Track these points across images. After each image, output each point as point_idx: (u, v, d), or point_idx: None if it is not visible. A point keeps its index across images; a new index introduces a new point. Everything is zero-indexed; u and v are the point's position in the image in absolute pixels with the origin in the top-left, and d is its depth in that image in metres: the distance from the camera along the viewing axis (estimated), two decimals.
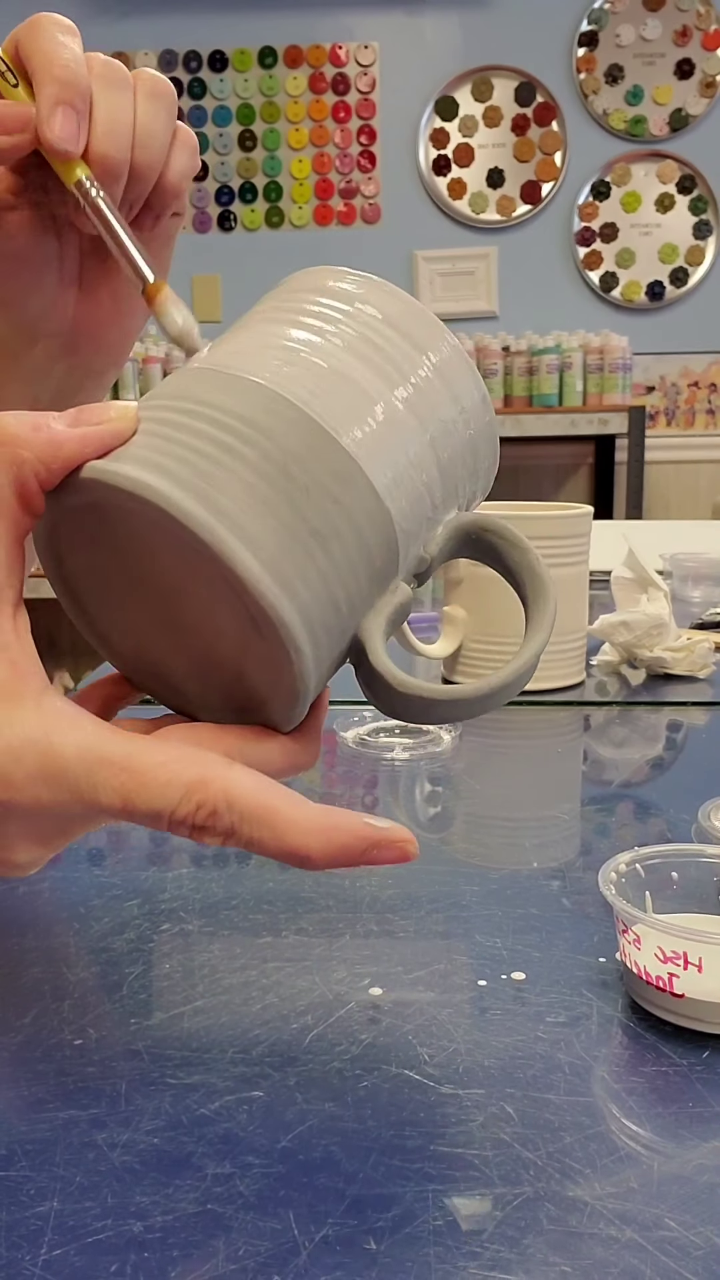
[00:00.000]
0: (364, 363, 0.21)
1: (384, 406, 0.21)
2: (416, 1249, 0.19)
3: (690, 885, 0.29)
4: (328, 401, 0.20)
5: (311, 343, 0.21)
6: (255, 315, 0.23)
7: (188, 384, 0.20)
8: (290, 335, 0.21)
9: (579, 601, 0.57)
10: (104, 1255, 0.19)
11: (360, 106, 2.42)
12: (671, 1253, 0.19)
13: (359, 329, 0.21)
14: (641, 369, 2.50)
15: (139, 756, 0.18)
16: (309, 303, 0.22)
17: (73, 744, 0.18)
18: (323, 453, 0.20)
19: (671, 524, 1.47)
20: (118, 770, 0.18)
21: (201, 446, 0.19)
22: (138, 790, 0.17)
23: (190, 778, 0.18)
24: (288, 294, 0.23)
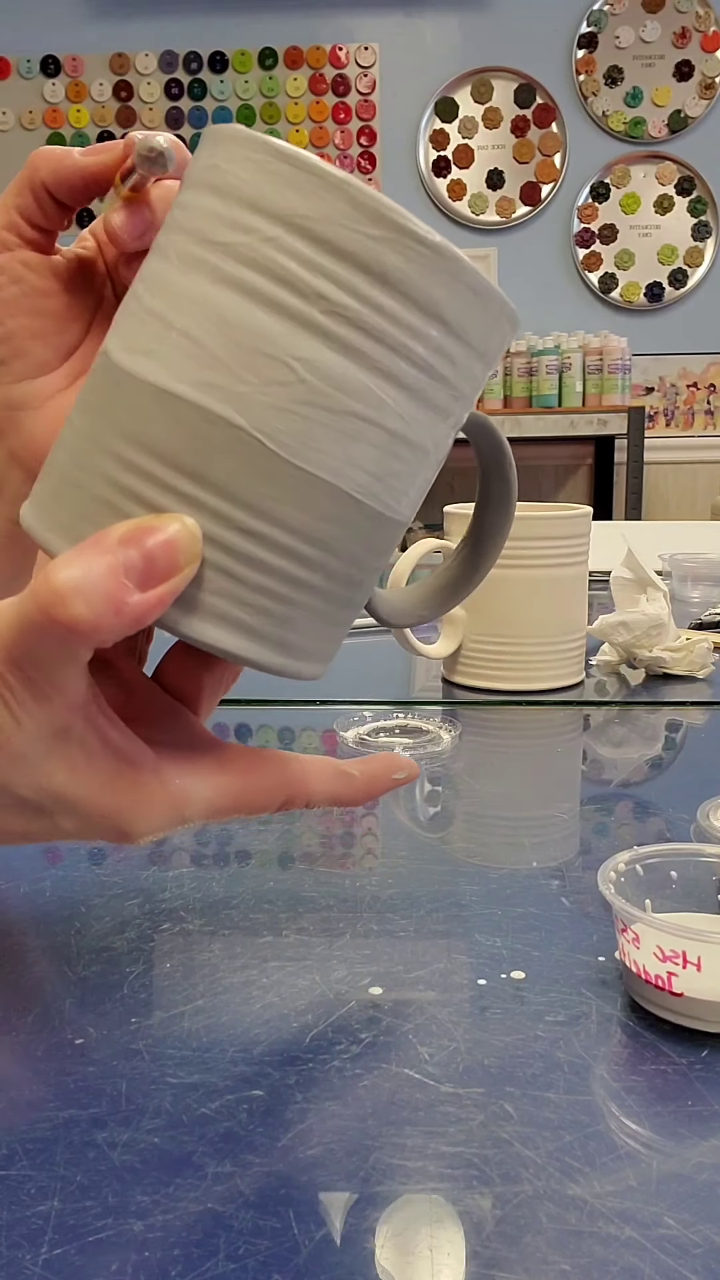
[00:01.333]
0: (424, 408, 0.19)
1: (435, 450, 0.20)
2: (416, 1248, 0.19)
3: (689, 884, 0.29)
4: (387, 482, 0.19)
5: (371, 396, 0.18)
6: (204, 234, 0.18)
7: (239, 472, 0.18)
8: (281, 335, 0.18)
9: (578, 602, 0.57)
10: (104, 1254, 0.19)
11: (360, 108, 2.43)
12: (671, 1251, 0.19)
13: (420, 356, 0.18)
14: (640, 370, 2.50)
15: (241, 788, 0.21)
16: (331, 286, 0.18)
17: (198, 813, 0.21)
18: (379, 538, 0.20)
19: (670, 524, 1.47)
20: (229, 803, 0.22)
21: (272, 586, 0.19)
22: (241, 811, 0.22)
23: (283, 795, 0.22)
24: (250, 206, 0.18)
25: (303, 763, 0.22)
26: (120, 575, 0.17)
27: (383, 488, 0.19)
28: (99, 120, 2.45)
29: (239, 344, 0.18)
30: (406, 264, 0.18)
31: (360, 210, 0.17)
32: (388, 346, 0.18)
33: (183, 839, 0.38)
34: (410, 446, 0.19)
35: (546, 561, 0.55)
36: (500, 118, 2.44)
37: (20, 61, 2.42)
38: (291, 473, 0.18)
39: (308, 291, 0.17)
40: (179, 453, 0.18)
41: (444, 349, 0.19)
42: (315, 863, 0.36)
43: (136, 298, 0.19)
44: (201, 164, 0.19)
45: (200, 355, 0.18)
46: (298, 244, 0.17)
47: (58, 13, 2.40)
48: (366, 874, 0.35)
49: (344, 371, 0.18)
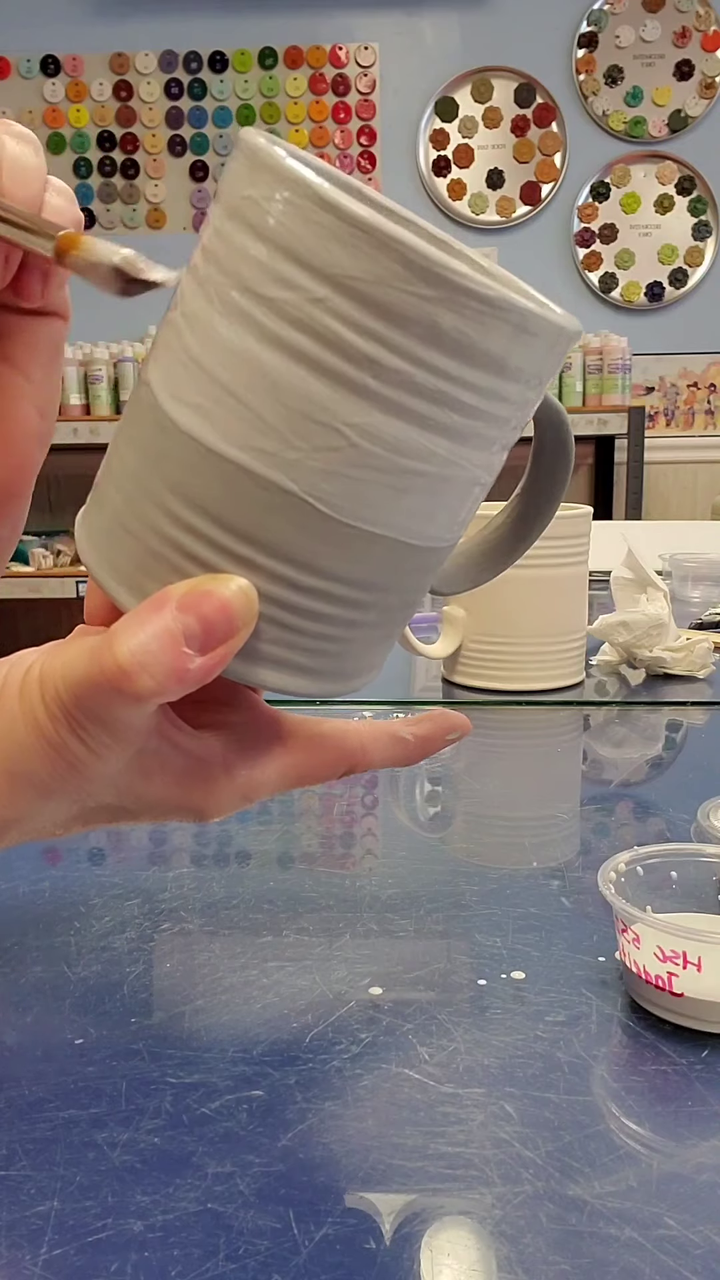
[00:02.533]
0: (471, 447, 0.18)
1: (488, 473, 0.20)
2: (416, 1248, 0.19)
3: (689, 885, 0.29)
4: (439, 519, 0.19)
5: (422, 449, 0.18)
6: (246, 289, 0.18)
7: (292, 533, 0.18)
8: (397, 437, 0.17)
9: (578, 601, 0.57)
10: (104, 1254, 0.19)
11: (360, 107, 2.43)
12: (671, 1251, 0.19)
13: (473, 405, 0.18)
14: (641, 370, 2.50)
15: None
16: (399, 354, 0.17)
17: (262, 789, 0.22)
18: (432, 562, 0.20)
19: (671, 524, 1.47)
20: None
21: (328, 631, 0.19)
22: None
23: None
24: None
25: (360, 734, 0.23)
26: (181, 645, 0.18)
27: (436, 526, 0.19)
28: (99, 120, 2.45)
29: (289, 408, 0.17)
30: (462, 322, 0.17)
31: (412, 270, 0.17)
32: (442, 404, 0.18)
33: (183, 839, 0.38)
34: (464, 484, 0.19)
35: (547, 561, 0.55)
36: (500, 117, 2.44)
37: (20, 61, 2.42)
38: (345, 531, 0.18)
39: (358, 357, 0.17)
40: (231, 514, 0.18)
41: (499, 392, 0.18)
42: (315, 863, 0.36)
43: (177, 333, 0.19)
44: (238, 190, 0.18)
45: (250, 419, 0.17)
46: (347, 307, 0.17)
47: (57, 12, 2.40)
48: (366, 874, 0.35)
49: (395, 432, 0.18)
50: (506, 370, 0.18)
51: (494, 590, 0.57)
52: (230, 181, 0.18)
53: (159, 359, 0.19)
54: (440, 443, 0.18)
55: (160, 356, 0.19)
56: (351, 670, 0.21)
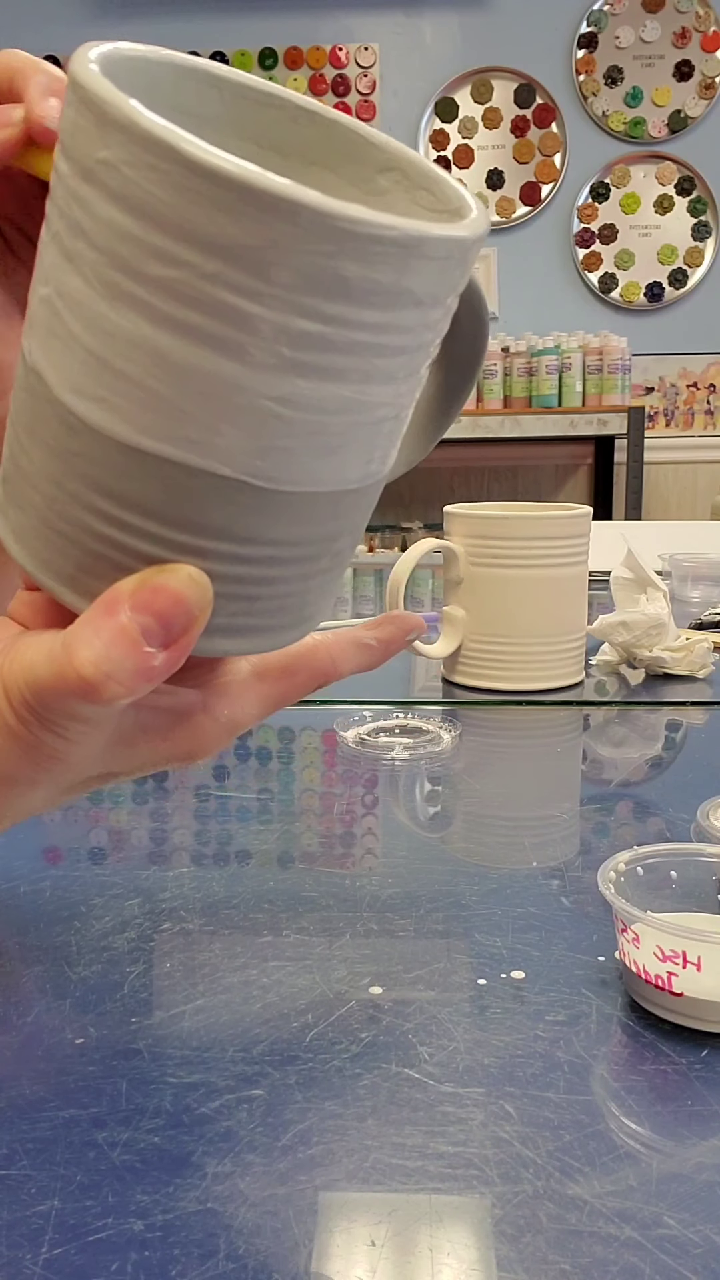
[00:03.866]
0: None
1: (414, 394, 0.18)
2: (417, 1247, 0.19)
3: (689, 884, 0.29)
4: (378, 456, 0.18)
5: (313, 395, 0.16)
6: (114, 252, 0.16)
7: (232, 514, 0.17)
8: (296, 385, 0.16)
9: (578, 601, 0.57)
10: (105, 1254, 0.19)
11: (360, 108, 2.43)
12: (671, 1251, 0.19)
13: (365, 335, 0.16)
14: (640, 370, 2.50)
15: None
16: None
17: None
18: (376, 494, 0.20)
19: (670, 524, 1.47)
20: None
21: (284, 590, 0.19)
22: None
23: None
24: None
25: (328, 648, 0.24)
26: (142, 645, 0.17)
27: (374, 464, 0.19)
28: None
29: (205, 394, 0.16)
30: (370, 270, 0.15)
31: (307, 229, 0.15)
32: (363, 354, 0.17)
33: (183, 839, 0.38)
34: (396, 420, 0.18)
35: (546, 561, 0.55)
36: (500, 118, 2.44)
37: None
38: (285, 498, 0.18)
39: (268, 330, 0.15)
40: (166, 507, 0.17)
41: (422, 321, 0.17)
42: (315, 863, 0.36)
43: (58, 316, 0.17)
44: (90, 151, 0.15)
45: (166, 409, 0.16)
46: (244, 278, 0.15)
47: (58, 13, 2.40)
48: (366, 874, 0.35)
49: (321, 394, 0.16)
50: (422, 302, 0.17)
51: (494, 590, 0.57)
52: (77, 136, 0.16)
53: (44, 345, 0.17)
54: (369, 389, 0.17)
55: (45, 341, 0.17)
56: (311, 613, 0.21)
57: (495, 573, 0.56)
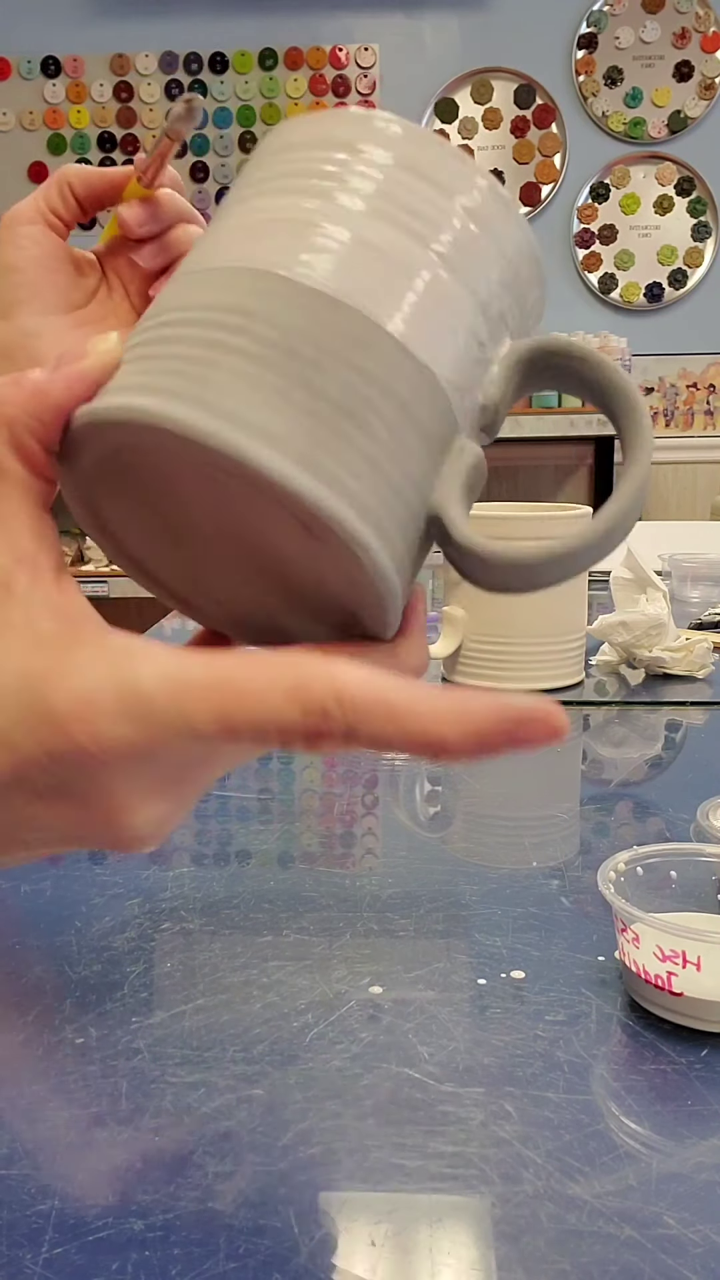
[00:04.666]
0: (365, 210, 0.18)
1: (392, 248, 0.18)
2: (417, 1247, 0.19)
3: (689, 884, 0.29)
4: (323, 264, 0.17)
5: (293, 205, 0.18)
6: (235, 194, 0.20)
7: (168, 295, 0.18)
8: (270, 204, 0.18)
9: (578, 602, 0.57)
10: (105, 1254, 0.19)
11: (360, 108, 2.43)
12: (670, 1250, 0.19)
13: (353, 176, 0.19)
14: (640, 370, 2.50)
15: (229, 671, 0.16)
16: (295, 160, 0.19)
17: (150, 675, 0.16)
18: (329, 319, 0.17)
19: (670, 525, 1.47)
20: (208, 691, 0.16)
21: (189, 353, 0.17)
22: (234, 706, 0.15)
23: (290, 681, 0.16)
24: (271, 156, 0.20)
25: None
26: (27, 371, 0.18)
27: (316, 270, 0.18)
28: (99, 121, 2.45)
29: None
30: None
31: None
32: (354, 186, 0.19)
33: (183, 839, 0.38)
34: (349, 239, 0.18)
35: None
36: (500, 118, 2.44)
37: (20, 62, 2.43)
38: (213, 274, 0.18)
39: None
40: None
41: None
42: (315, 863, 0.36)
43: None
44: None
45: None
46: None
47: (58, 13, 2.40)
48: (366, 874, 0.35)
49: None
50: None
51: None
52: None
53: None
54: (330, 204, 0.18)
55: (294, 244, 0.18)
56: (227, 411, 0.16)
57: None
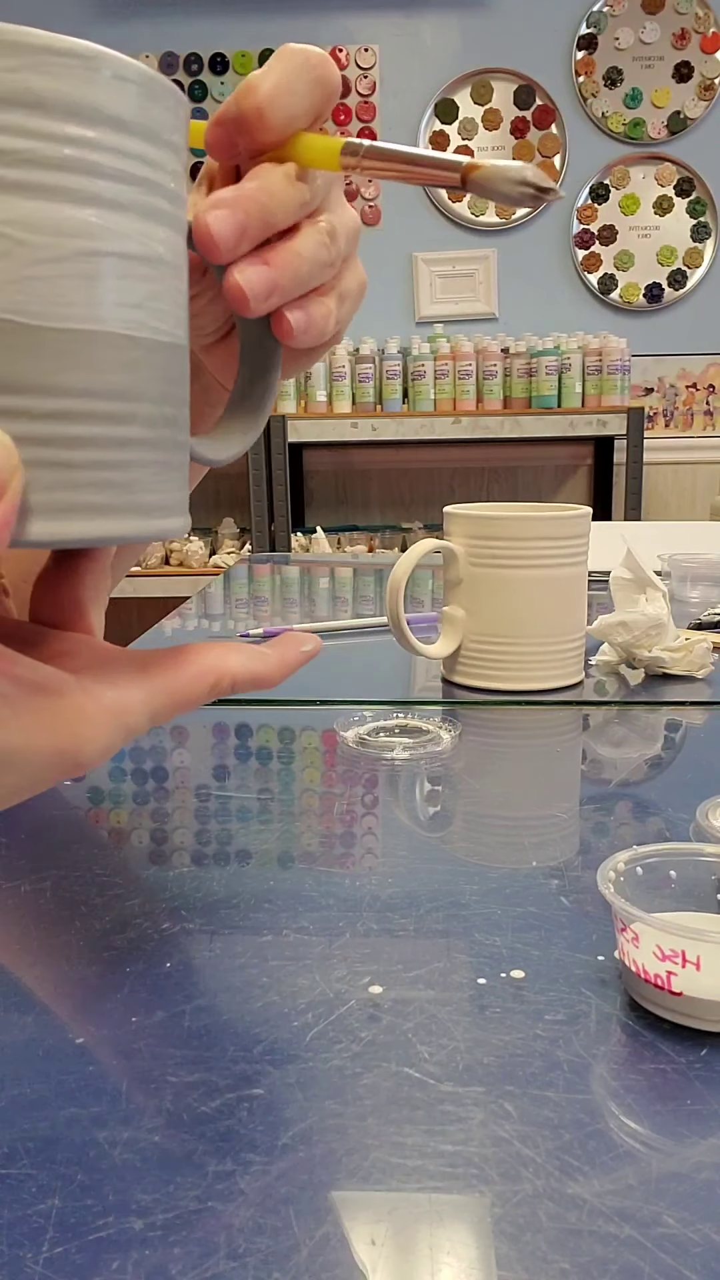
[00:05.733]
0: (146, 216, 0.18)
1: (173, 256, 0.19)
2: (416, 1246, 0.19)
3: (688, 884, 0.29)
4: (148, 307, 0.18)
5: (94, 225, 0.18)
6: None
7: (7, 359, 0.17)
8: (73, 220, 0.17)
9: (578, 602, 0.57)
10: (105, 1253, 0.19)
11: (360, 109, 2.43)
12: (670, 1250, 0.19)
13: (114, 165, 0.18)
14: (640, 370, 2.50)
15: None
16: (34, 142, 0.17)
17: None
18: (167, 364, 0.19)
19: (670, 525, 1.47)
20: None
21: (99, 457, 0.18)
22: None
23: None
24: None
25: (220, 648, 0.22)
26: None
27: (147, 314, 0.19)
28: None
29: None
30: (57, 82, 0.17)
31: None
32: (81, 172, 0.18)
33: (183, 839, 0.38)
34: (148, 262, 0.19)
35: (546, 561, 0.55)
36: (500, 119, 2.44)
37: None
38: (58, 338, 0.18)
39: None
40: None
41: (131, 151, 0.18)
42: (315, 863, 0.36)
43: None
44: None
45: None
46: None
47: (58, 14, 2.40)
48: (366, 874, 0.35)
49: (55, 215, 0.17)
50: (126, 126, 0.18)
51: (494, 590, 0.57)
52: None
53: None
54: (101, 214, 0.18)
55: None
56: (147, 504, 0.19)
57: (495, 573, 0.56)
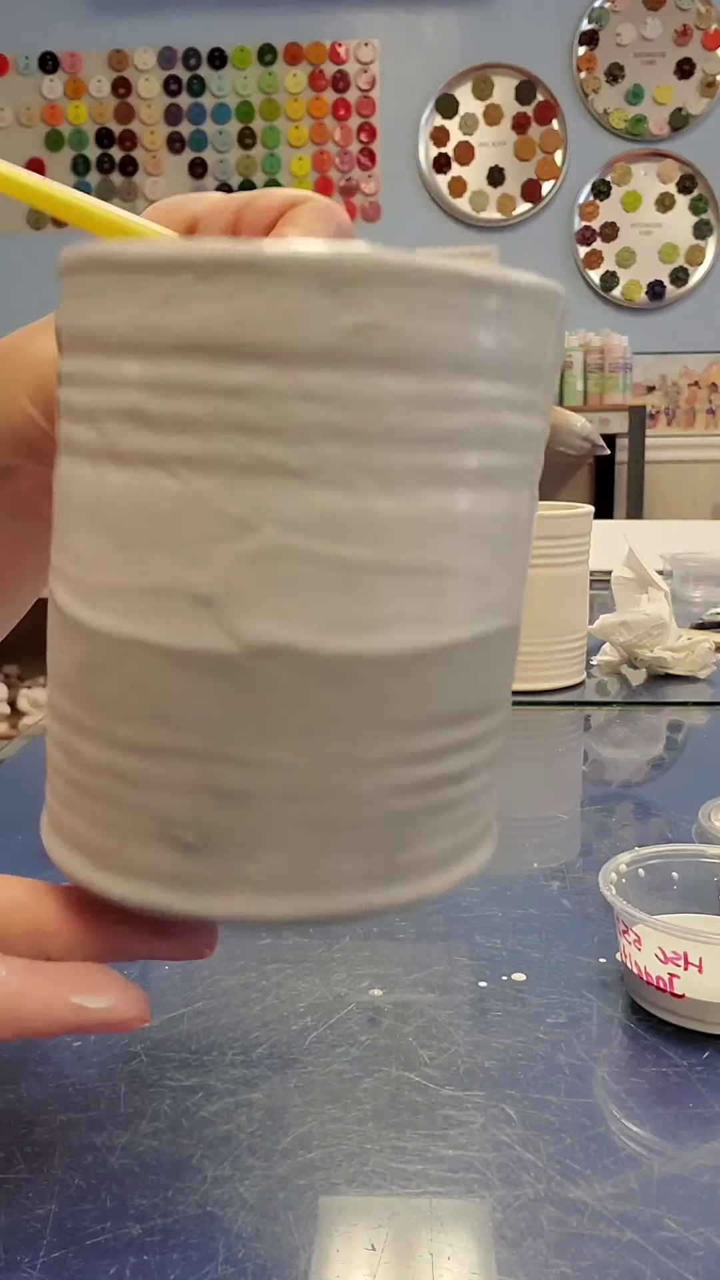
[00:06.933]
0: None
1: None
2: (417, 1252, 0.19)
3: (690, 886, 0.29)
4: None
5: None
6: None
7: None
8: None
9: (579, 601, 0.57)
10: (103, 1258, 0.19)
11: (360, 104, 2.42)
12: (672, 1253, 0.19)
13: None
14: (642, 369, 2.50)
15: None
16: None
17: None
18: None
19: (672, 524, 1.47)
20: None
21: (483, 782, 0.15)
22: None
23: None
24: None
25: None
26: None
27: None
28: (97, 117, 2.44)
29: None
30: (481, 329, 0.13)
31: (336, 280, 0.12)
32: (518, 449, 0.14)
33: None
34: (529, 537, 0.15)
35: (547, 561, 0.55)
36: (501, 114, 2.43)
37: (18, 58, 2.42)
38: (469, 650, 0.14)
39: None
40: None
41: (531, 402, 0.14)
42: None
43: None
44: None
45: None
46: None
47: (56, 9, 2.40)
48: None
49: (503, 506, 0.14)
50: (537, 371, 0.14)
51: None
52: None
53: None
54: (515, 499, 0.14)
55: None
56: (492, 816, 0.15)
57: None
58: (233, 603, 0.13)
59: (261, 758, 0.14)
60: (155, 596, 0.13)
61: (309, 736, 0.14)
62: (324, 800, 0.14)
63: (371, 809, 0.14)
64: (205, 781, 0.14)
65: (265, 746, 0.14)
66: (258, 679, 0.13)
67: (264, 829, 0.14)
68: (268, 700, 0.14)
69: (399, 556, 0.13)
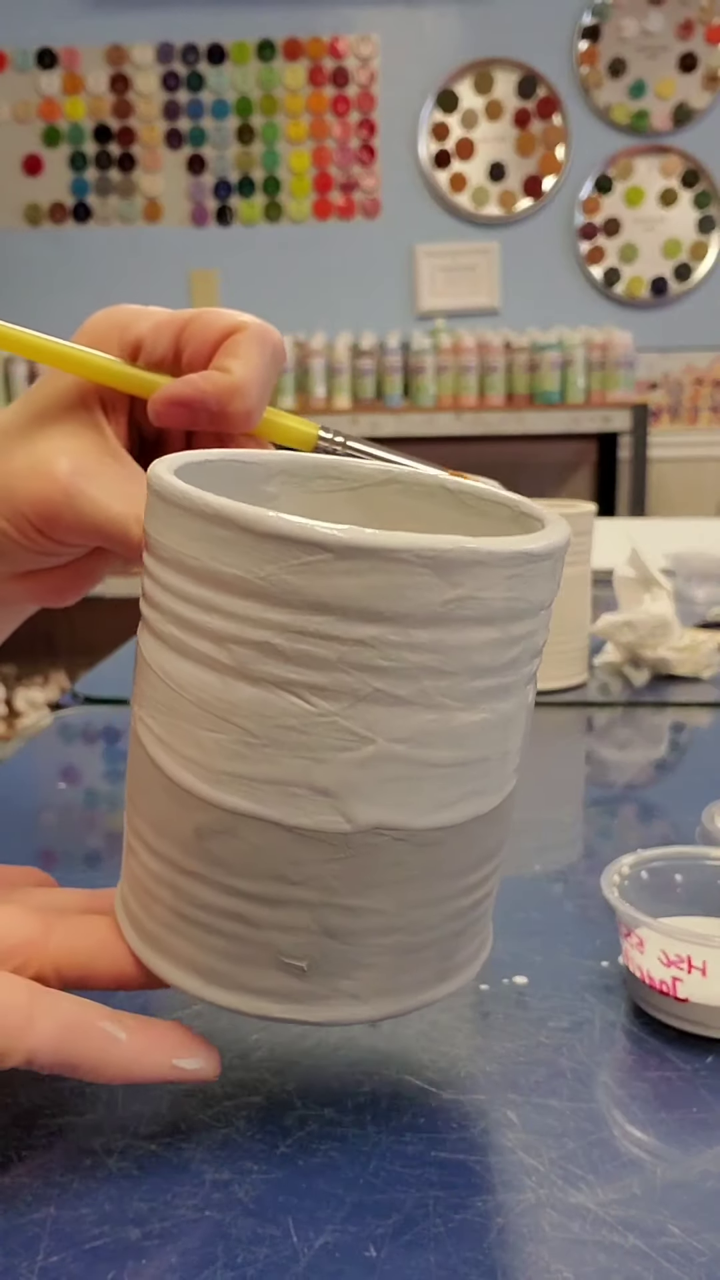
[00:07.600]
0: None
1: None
2: (417, 1256, 0.19)
3: (694, 888, 0.28)
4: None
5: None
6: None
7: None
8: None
9: (581, 601, 0.57)
10: (101, 1262, 0.18)
11: (360, 99, 2.41)
12: (675, 1259, 0.18)
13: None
14: (645, 365, 2.49)
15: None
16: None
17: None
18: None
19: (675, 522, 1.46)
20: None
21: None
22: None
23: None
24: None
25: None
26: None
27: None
28: (95, 113, 2.44)
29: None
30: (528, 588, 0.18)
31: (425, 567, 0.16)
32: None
33: None
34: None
35: None
36: (502, 110, 2.42)
37: (16, 54, 2.41)
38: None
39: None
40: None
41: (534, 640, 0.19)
42: None
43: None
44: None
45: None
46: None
47: (53, 5, 2.39)
48: None
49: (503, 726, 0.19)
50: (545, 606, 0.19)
51: None
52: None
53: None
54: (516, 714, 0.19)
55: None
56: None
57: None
58: (348, 794, 0.17)
59: (362, 905, 0.18)
60: (282, 785, 0.17)
61: (398, 887, 0.18)
62: (405, 931, 0.19)
63: (436, 933, 0.19)
64: (316, 924, 0.18)
65: (365, 897, 0.18)
66: (364, 850, 0.18)
67: (360, 956, 0.19)
68: (370, 864, 0.18)
69: (471, 754, 0.18)
